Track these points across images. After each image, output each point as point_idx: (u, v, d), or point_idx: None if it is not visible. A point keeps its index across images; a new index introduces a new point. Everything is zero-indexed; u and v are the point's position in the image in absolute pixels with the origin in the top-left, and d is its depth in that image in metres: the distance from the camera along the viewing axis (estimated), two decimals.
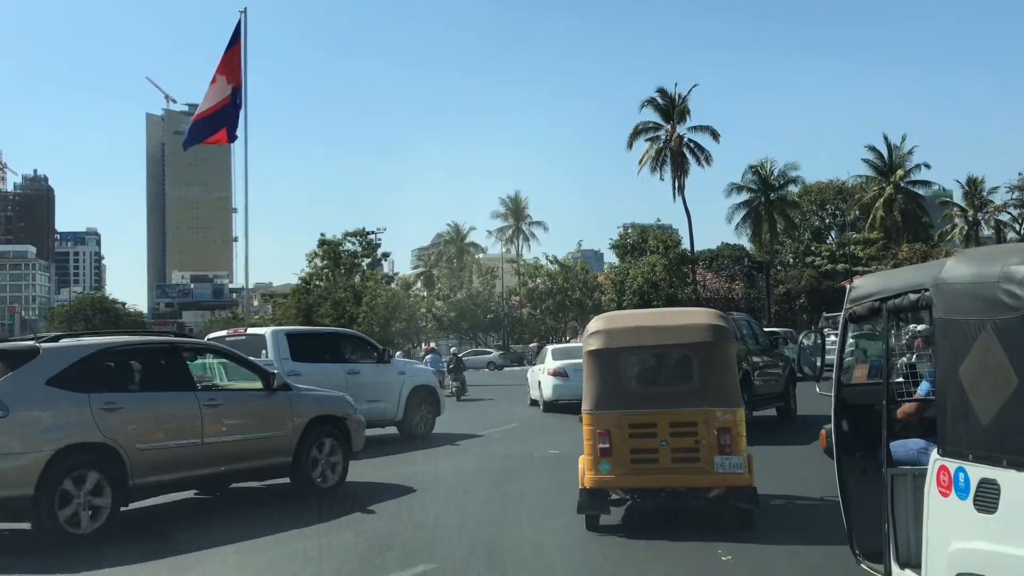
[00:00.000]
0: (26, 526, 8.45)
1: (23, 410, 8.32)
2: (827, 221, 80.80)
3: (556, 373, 22.88)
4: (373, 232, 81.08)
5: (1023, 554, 3.57)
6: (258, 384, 10.59)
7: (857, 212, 73.24)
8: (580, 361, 23.12)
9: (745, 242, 75.12)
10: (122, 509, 8.86)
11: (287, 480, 10.83)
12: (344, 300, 76.95)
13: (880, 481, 5.02)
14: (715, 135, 64.75)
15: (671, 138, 64.70)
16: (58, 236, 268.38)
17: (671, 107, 64.98)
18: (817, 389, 6.47)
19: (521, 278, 77.05)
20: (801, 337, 7.09)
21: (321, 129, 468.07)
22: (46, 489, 8.15)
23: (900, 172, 67.50)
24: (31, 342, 9.14)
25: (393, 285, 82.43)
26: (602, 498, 8.39)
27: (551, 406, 22.80)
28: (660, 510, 8.87)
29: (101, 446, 8.66)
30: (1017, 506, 3.66)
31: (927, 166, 68.91)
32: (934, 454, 4.34)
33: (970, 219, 71.11)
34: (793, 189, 68.24)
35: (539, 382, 23.90)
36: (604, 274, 73.31)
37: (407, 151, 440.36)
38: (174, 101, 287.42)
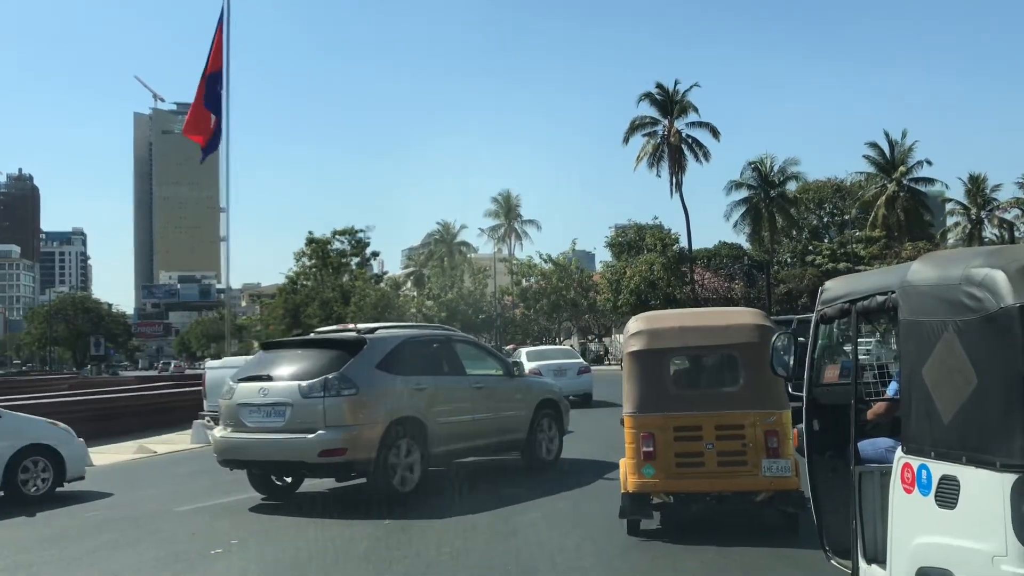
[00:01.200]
0: (362, 482, 10.67)
1: (367, 389, 10.32)
2: (824, 220, 79.28)
3: (531, 373, 23.09)
4: (362, 230, 79.26)
5: (980, 547, 3.75)
6: (499, 371, 12.55)
7: (856, 210, 71.62)
8: (553, 362, 24.73)
9: (743, 241, 73.84)
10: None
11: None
12: (332, 300, 75.15)
13: (849, 479, 5.13)
14: (715, 132, 63.24)
15: (669, 133, 63.02)
16: (43, 236, 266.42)
17: (669, 102, 63.32)
18: (789, 389, 6.53)
19: (514, 277, 75.27)
20: (774, 339, 6.94)
21: (314, 129, 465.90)
22: (382, 453, 10.15)
23: (902, 169, 65.97)
24: (356, 334, 11.13)
25: (382, 285, 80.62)
26: (645, 502, 8.24)
27: None
28: (700, 514, 8.79)
29: (414, 420, 10.57)
30: (975, 501, 3.84)
31: (929, 163, 67.24)
32: (899, 451, 4.47)
33: (973, 217, 69.69)
34: (792, 186, 66.48)
35: None
36: (600, 273, 71.40)
37: (401, 151, 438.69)
38: (162, 100, 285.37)
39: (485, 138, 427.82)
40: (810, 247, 71.84)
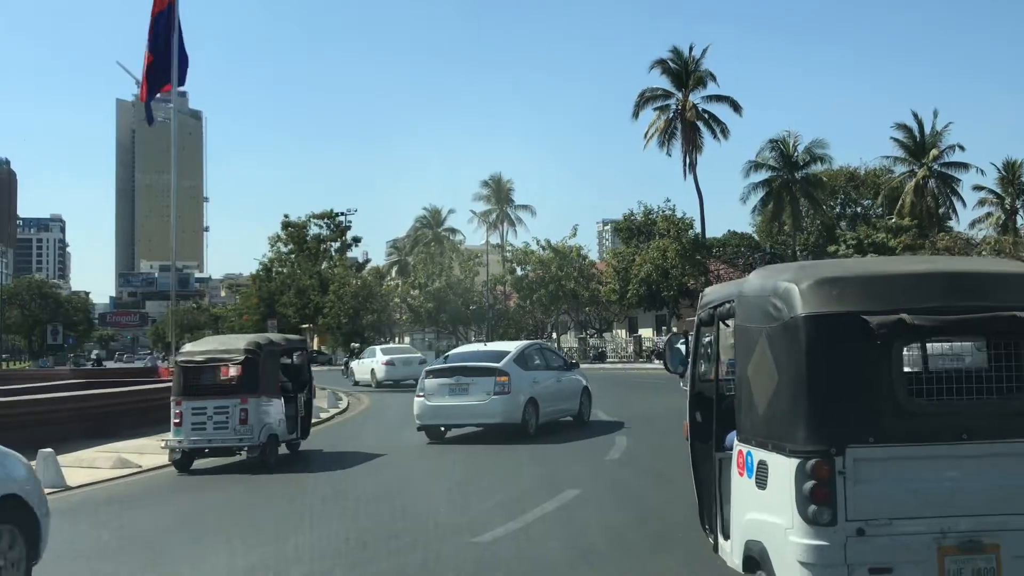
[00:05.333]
0: None
1: None
2: (837, 211, 73.83)
3: (388, 363, 35.37)
4: (343, 214, 73.54)
5: (779, 521, 4.56)
6: None
7: (882, 198, 65.96)
8: (405, 356, 38.70)
9: (751, 229, 68.30)
10: None
11: None
12: (309, 288, 69.62)
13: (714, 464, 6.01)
14: (735, 106, 57.34)
15: (683, 107, 57.12)
16: (20, 222, 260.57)
17: (684, 71, 57.37)
18: (681, 385, 6.99)
19: (509, 264, 69.17)
20: (667, 339, 7.94)
21: (299, 119, 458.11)
22: None
23: (934, 152, 60.31)
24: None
25: (364, 273, 74.83)
26: None
27: (382, 384, 35.08)
28: None
29: None
30: (777, 482, 4.62)
31: (961, 148, 61.37)
32: (736, 439, 5.27)
33: (1007, 207, 64.30)
34: (818, 168, 60.48)
35: (372, 369, 35.95)
36: (606, 261, 65.02)
37: (388, 140, 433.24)
38: None
39: (475, 127, 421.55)
40: (820, 240, 66.39)
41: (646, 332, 61.45)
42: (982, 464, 4.45)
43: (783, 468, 4.47)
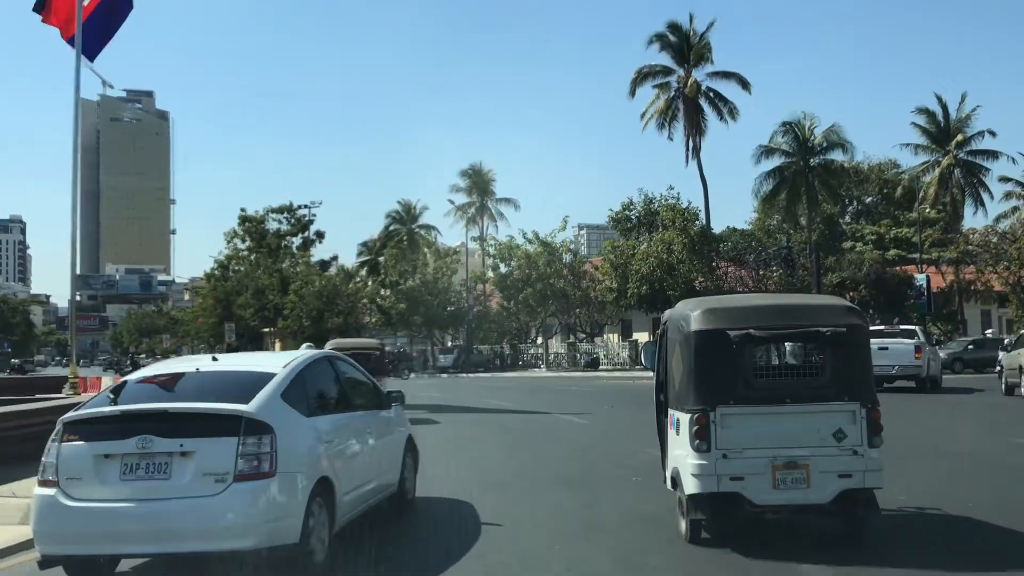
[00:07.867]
0: None
1: None
2: (839, 206, 68.32)
3: None
4: (305, 206, 66.83)
5: (684, 453, 7.84)
6: None
7: (901, 190, 60.24)
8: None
9: (746, 225, 62.75)
10: None
11: None
12: (268, 287, 63.00)
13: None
14: (744, 83, 51.33)
15: (685, 85, 51.13)
16: None
17: (685, 45, 51.36)
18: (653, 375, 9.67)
19: (492, 260, 62.72)
20: (644, 344, 12.51)
21: (273, 121, 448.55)
22: None
23: (960, 137, 54.70)
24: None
25: (332, 271, 68.16)
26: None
27: None
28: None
29: None
30: (683, 430, 7.87)
31: (992, 133, 55.67)
32: (669, 408, 8.70)
33: None
34: (839, 155, 54.31)
35: None
36: (603, 256, 58.58)
37: (363, 143, 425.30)
38: (111, 87, 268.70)
39: (457, 126, 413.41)
40: (823, 238, 60.73)
41: (643, 336, 55.14)
42: (797, 417, 7.76)
43: (685, 420, 7.83)
